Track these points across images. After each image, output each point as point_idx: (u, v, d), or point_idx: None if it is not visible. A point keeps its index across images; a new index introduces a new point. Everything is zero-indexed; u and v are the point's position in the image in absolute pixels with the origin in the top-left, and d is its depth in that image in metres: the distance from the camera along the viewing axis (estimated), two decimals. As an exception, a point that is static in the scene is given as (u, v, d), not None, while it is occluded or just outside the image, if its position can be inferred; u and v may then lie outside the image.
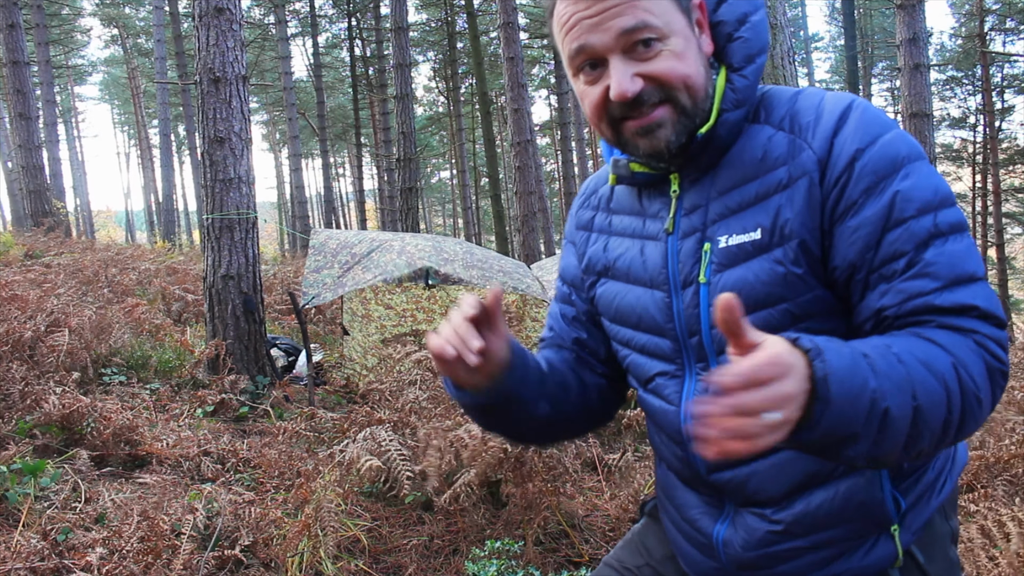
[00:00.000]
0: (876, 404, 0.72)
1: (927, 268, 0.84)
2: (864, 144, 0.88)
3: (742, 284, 0.92)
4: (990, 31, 19.52)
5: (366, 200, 25.61)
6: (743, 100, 0.95)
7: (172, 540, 2.38)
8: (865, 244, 0.87)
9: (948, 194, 0.87)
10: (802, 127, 0.92)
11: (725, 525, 1.02)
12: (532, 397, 1.03)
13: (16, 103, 11.88)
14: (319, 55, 24.16)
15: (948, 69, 23.99)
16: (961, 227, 0.86)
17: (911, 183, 0.86)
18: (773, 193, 0.91)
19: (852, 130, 0.89)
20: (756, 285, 0.91)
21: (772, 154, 0.93)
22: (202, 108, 5.02)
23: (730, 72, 0.95)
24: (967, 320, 0.83)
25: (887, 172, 0.87)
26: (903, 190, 0.86)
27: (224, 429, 4.05)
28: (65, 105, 35.15)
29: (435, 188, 44.83)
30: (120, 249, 11.41)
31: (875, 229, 0.86)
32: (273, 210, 45.63)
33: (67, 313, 4.46)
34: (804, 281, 0.90)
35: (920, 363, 0.77)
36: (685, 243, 0.98)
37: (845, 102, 0.93)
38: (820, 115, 0.92)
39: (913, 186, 0.86)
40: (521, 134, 11.99)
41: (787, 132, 0.93)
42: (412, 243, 4.84)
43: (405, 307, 5.95)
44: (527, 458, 2.75)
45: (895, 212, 0.86)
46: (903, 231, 0.85)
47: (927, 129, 8.48)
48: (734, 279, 0.93)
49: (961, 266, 0.84)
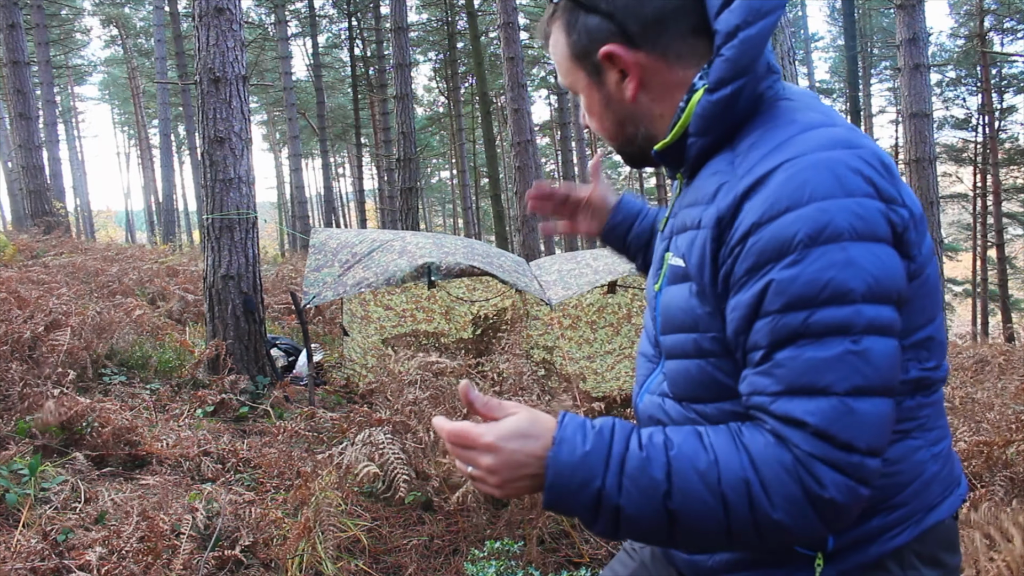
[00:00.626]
0: (604, 499, 0.79)
1: (773, 368, 0.79)
2: (764, 219, 0.80)
3: (671, 303, 0.96)
4: (990, 31, 19.52)
5: (366, 200, 25.61)
6: (710, 128, 0.91)
7: (172, 540, 2.38)
8: (737, 327, 0.84)
9: (844, 290, 0.76)
10: (736, 173, 0.87)
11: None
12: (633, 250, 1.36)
13: (16, 103, 11.88)
14: (319, 55, 24.16)
15: (948, 69, 23.98)
16: (843, 330, 0.76)
17: (793, 274, 0.77)
18: (691, 228, 0.93)
19: (764, 197, 0.81)
20: (675, 310, 0.95)
21: (705, 188, 0.92)
22: (202, 108, 5.02)
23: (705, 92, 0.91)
24: (796, 433, 0.77)
25: (771, 256, 0.79)
26: (779, 280, 0.78)
27: (224, 429, 4.05)
28: (65, 105, 35.14)
29: (435, 188, 44.82)
30: (120, 249, 11.41)
31: (746, 315, 0.82)
32: (273, 210, 45.62)
33: (67, 313, 4.46)
34: (709, 320, 0.90)
35: (697, 472, 0.79)
36: (659, 247, 1.05)
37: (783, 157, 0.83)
38: (752, 166, 0.85)
39: (794, 278, 0.77)
40: (521, 134, 11.99)
41: (727, 169, 0.89)
42: (413, 241, 4.83)
43: (404, 307, 5.95)
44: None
45: (764, 303, 0.80)
46: (766, 323, 0.80)
47: (927, 129, 8.48)
48: (668, 297, 0.97)
49: (810, 376, 0.76)
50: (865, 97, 24.69)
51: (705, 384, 0.93)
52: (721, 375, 0.91)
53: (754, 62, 0.89)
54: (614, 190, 1.39)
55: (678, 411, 0.98)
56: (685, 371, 0.95)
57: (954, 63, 23.30)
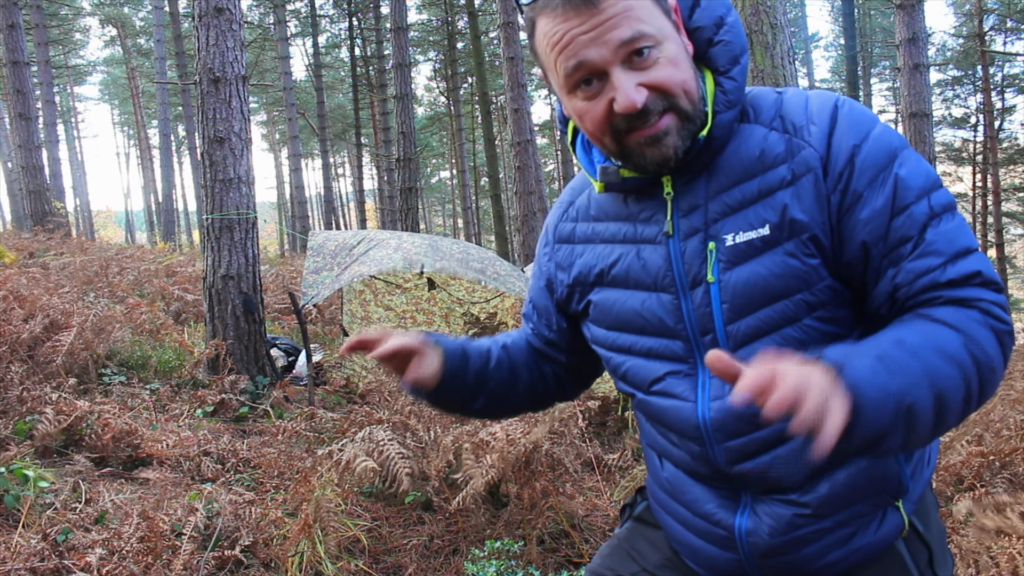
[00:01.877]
0: (902, 401, 0.77)
1: (929, 247, 0.90)
2: (859, 140, 0.93)
3: (755, 279, 0.94)
4: (990, 31, 19.52)
5: (366, 200, 25.61)
6: (734, 101, 0.97)
7: (172, 540, 2.38)
8: (877, 234, 0.92)
9: (936, 176, 0.94)
10: (797, 127, 0.96)
11: (745, 516, 1.02)
12: (467, 398, 1.18)
13: (16, 103, 11.88)
14: (319, 55, 24.16)
15: (948, 69, 23.99)
16: (951, 206, 0.93)
17: (907, 171, 0.92)
18: (777, 189, 0.94)
19: (846, 127, 0.93)
20: (770, 279, 0.93)
21: (770, 152, 0.95)
22: (202, 108, 5.02)
23: (717, 75, 0.97)
24: (971, 289, 0.89)
25: (885, 163, 0.92)
26: (902, 177, 0.91)
27: (224, 429, 4.05)
28: (65, 105, 35.15)
29: (435, 188, 44.82)
30: (120, 249, 11.41)
31: (884, 219, 0.91)
32: (273, 210, 45.62)
33: (67, 313, 4.46)
34: (817, 272, 0.94)
35: (934, 351, 0.82)
36: (688, 244, 0.98)
37: (832, 101, 0.97)
38: (812, 115, 0.96)
39: (909, 173, 0.92)
40: (521, 134, 11.99)
41: (781, 132, 0.96)
42: (409, 241, 4.84)
43: (405, 308, 5.95)
44: (534, 458, 2.75)
45: (898, 200, 0.91)
46: (906, 217, 0.91)
47: (927, 129, 8.48)
48: (746, 275, 0.94)
49: (958, 241, 0.90)
50: (865, 97, 24.69)
51: (809, 342, 0.95)
52: (826, 326, 0.95)
53: (745, 43, 1.00)
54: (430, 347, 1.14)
55: None
56: (783, 340, 0.94)
57: (954, 63, 23.31)
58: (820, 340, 0.94)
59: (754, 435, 0.97)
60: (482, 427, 2.88)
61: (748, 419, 0.96)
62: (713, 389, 0.99)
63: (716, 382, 0.99)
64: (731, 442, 0.99)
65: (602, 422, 4.40)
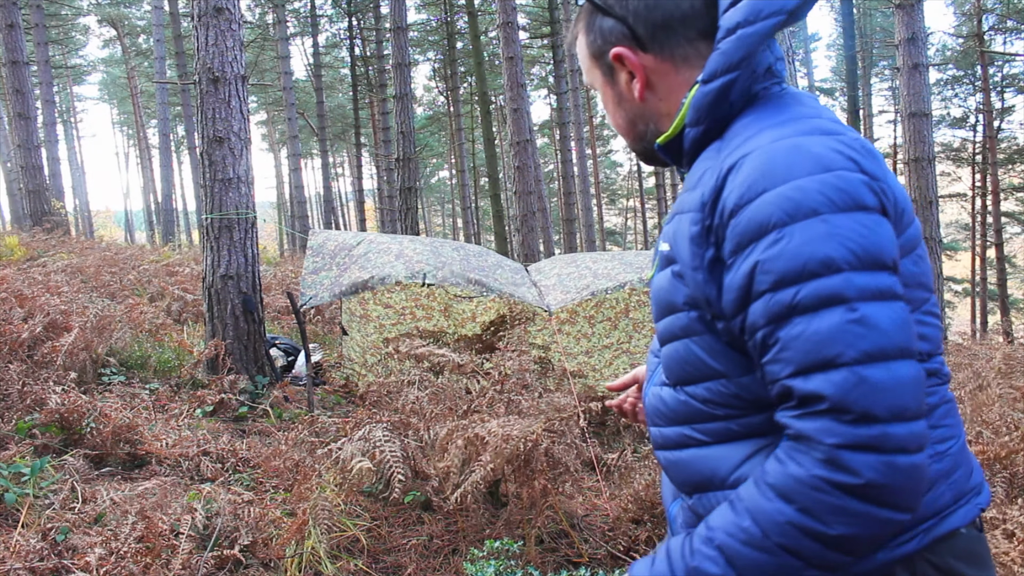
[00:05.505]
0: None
1: (781, 352, 0.79)
2: (743, 200, 0.82)
3: (657, 288, 1.00)
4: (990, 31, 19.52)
5: (365, 200, 25.60)
6: (701, 118, 0.95)
7: (171, 540, 2.38)
8: (732, 308, 0.85)
9: (828, 262, 0.76)
10: (721, 159, 0.90)
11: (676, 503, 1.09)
12: None
13: (15, 103, 11.87)
14: (319, 55, 24.14)
15: (948, 68, 24.00)
16: (834, 300, 0.76)
17: (779, 250, 0.78)
18: (676, 214, 0.97)
19: (738, 182, 0.83)
20: (660, 292, 0.99)
21: (694, 175, 0.97)
22: (201, 108, 5.02)
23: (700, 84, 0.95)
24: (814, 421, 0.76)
25: (752, 237, 0.81)
26: (763, 260, 0.79)
27: (223, 429, 4.05)
28: (64, 105, 35.11)
29: (434, 188, 44.81)
30: (120, 249, 11.40)
31: (739, 296, 0.83)
32: (272, 210, 45.58)
33: (67, 313, 4.46)
34: (690, 300, 0.93)
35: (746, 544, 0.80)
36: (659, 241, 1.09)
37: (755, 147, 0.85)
38: (731, 153, 0.88)
39: (780, 254, 0.78)
40: (520, 134, 11.99)
41: (714, 156, 0.92)
42: (410, 247, 4.83)
43: (404, 305, 5.94)
44: (534, 457, 2.74)
45: (754, 283, 0.81)
46: (760, 304, 0.80)
47: (926, 128, 8.48)
48: (657, 282, 1.01)
49: (817, 350, 0.76)
50: (865, 97, 24.69)
51: (691, 363, 0.96)
52: (703, 353, 0.94)
53: (749, 59, 0.92)
54: None
55: (673, 397, 1.01)
56: (675, 353, 0.99)
57: (953, 62, 23.31)
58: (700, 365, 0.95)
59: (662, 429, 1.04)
60: (479, 424, 2.88)
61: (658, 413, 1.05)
62: (656, 377, 1.07)
63: (659, 371, 1.06)
64: (652, 428, 1.07)
65: (602, 422, 4.40)
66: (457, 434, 2.80)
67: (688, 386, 0.97)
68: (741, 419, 0.92)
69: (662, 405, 1.03)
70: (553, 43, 19.08)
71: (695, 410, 0.97)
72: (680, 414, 0.99)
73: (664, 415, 1.02)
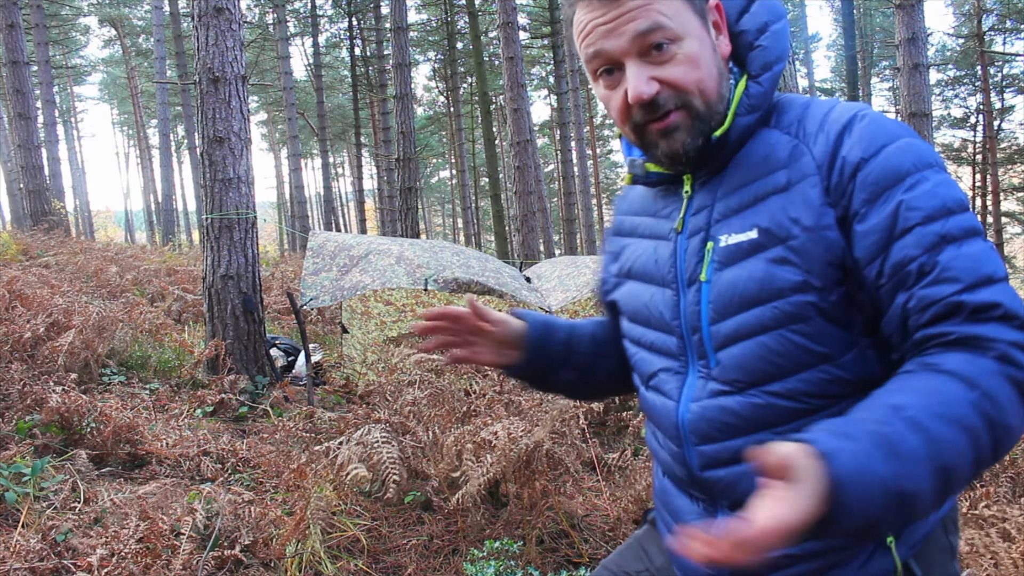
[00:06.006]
0: (897, 489, 0.72)
1: (944, 273, 0.83)
2: (867, 155, 0.89)
3: (737, 282, 0.94)
4: (990, 31, 19.52)
5: (365, 200, 25.60)
6: (756, 106, 0.98)
7: (171, 540, 2.38)
8: (872, 252, 0.87)
9: (959, 201, 0.87)
10: (807, 133, 0.94)
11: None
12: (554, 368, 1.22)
13: (15, 103, 11.88)
14: (319, 55, 24.15)
15: (948, 69, 24.01)
16: (974, 231, 0.85)
17: (918, 192, 0.87)
18: (771, 195, 0.94)
19: (856, 140, 0.90)
20: (749, 284, 0.93)
21: (774, 157, 0.96)
22: (201, 108, 5.02)
23: (748, 79, 0.98)
24: (989, 326, 0.81)
25: (890, 183, 0.87)
26: (908, 199, 0.86)
27: (224, 429, 4.05)
28: (64, 105, 35.13)
29: (435, 188, 44.83)
30: (120, 249, 11.41)
31: (880, 238, 0.87)
32: (273, 210, 45.61)
33: (67, 313, 4.46)
34: (795, 283, 0.90)
35: (939, 419, 0.75)
36: (691, 242, 1.01)
37: (852, 111, 0.93)
38: (825, 122, 0.93)
39: (920, 195, 0.86)
40: (520, 134, 11.99)
41: (792, 136, 0.96)
42: (410, 250, 4.83)
43: (405, 302, 5.94)
44: (534, 457, 2.74)
45: (900, 221, 0.86)
46: (912, 239, 0.85)
47: (926, 129, 8.48)
48: (731, 277, 0.95)
49: (979, 268, 0.83)
50: (865, 97, 24.69)
51: (786, 355, 0.92)
52: (804, 339, 0.91)
53: (785, 51, 1.00)
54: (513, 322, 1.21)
55: (744, 403, 0.95)
56: (759, 350, 0.93)
57: (953, 63, 23.32)
58: (800, 355, 0.91)
59: (726, 443, 0.97)
60: (483, 427, 2.88)
61: (720, 426, 0.97)
62: (695, 391, 1.00)
63: (699, 384, 1.00)
64: (704, 446, 0.99)
65: (602, 422, 4.40)
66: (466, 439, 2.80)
67: (772, 384, 0.93)
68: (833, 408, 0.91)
69: (729, 417, 0.96)
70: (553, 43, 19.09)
71: (780, 410, 0.93)
72: (757, 420, 0.94)
73: (733, 426, 0.96)
